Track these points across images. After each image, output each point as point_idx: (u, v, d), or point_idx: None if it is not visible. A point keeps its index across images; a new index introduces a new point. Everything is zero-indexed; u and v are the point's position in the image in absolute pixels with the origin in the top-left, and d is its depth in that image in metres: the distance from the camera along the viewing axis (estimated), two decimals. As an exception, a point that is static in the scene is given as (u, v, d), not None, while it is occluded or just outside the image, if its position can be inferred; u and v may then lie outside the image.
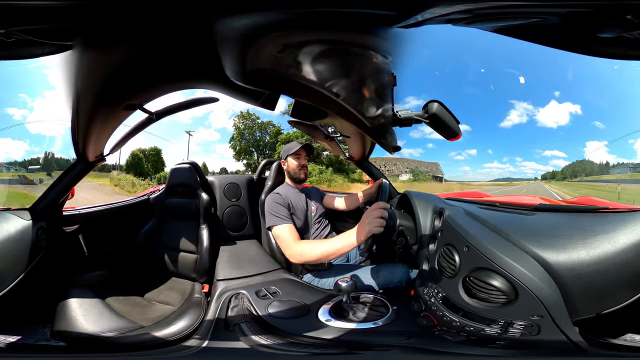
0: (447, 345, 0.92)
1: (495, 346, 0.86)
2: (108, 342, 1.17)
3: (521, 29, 0.57)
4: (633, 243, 0.76)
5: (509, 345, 0.85)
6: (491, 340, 0.86)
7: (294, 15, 0.51)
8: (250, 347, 0.97)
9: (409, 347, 0.95)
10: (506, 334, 0.84)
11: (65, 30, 0.56)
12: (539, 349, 0.83)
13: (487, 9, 0.52)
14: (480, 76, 30.49)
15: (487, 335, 0.86)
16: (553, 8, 0.52)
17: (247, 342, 0.98)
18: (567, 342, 0.79)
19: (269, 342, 0.97)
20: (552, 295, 0.78)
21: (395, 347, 0.96)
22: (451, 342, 0.91)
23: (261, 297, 1.25)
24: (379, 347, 0.97)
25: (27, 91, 14.16)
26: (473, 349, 0.89)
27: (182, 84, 0.84)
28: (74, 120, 0.97)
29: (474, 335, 0.88)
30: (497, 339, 0.85)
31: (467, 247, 0.94)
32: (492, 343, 0.86)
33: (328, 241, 1.24)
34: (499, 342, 0.85)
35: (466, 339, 0.90)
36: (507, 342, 0.84)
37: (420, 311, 1.05)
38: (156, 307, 1.59)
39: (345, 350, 0.98)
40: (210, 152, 26.80)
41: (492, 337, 0.86)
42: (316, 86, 0.60)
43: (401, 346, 0.95)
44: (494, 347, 0.86)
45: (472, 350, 0.89)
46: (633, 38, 0.54)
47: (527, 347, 0.84)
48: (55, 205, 1.58)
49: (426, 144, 26.14)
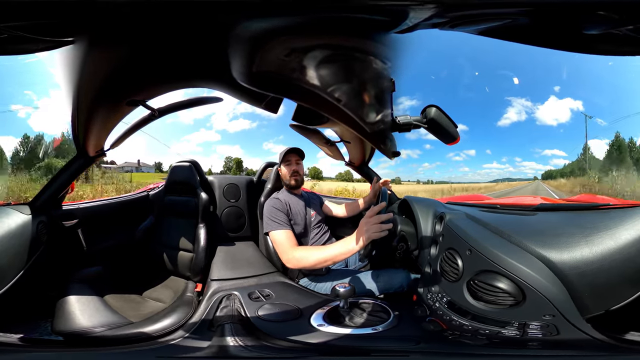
0: (467, 347, 0.91)
1: (520, 347, 0.85)
2: (97, 338, 1.17)
3: (504, 30, 0.57)
4: (635, 238, 0.76)
5: (535, 346, 0.84)
6: (514, 342, 0.85)
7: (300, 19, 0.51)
8: (221, 346, 0.95)
9: (424, 351, 0.94)
10: (527, 335, 0.83)
11: (66, 26, 0.56)
12: (566, 347, 0.82)
13: (455, 12, 0.52)
14: (476, 78, 30.74)
15: (507, 337, 0.85)
16: (507, 8, 0.52)
17: (222, 342, 0.97)
18: (592, 339, 0.78)
19: (244, 344, 0.96)
20: (559, 294, 0.78)
21: (408, 352, 0.94)
22: (470, 344, 0.90)
23: (253, 299, 1.24)
24: (382, 352, 0.96)
25: (32, 88, 14.28)
26: (496, 350, 0.88)
27: (187, 82, 0.85)
28: (75, 114, 0.98)
29: (493, 337, 0.87)
30: (520, 340, 0.84)
31: (469, 251, 0.93)
32: (516, 344, 0.85)
33: (326, 248, 1.23)
34: (523, 343, 0.84)
35: (487, 341, 0.88)
36: (533, 343, 0.83)
37: (425, 316, 1.04)
38: (149, 304, 1.59)
39: (335, 355, 0.96)
40: (210, 152, 27.12)
41: (514, 338, 0.84)
42: (318, 90, 0.60)
43: (415, 351, 0.94)
44: (519, 348, 0.85)
45: (495, 352, 0.88)
46: (622, 34, 0.54)
47: (553, 347, 0.83)
48: (55, 200, 1.58)
49: (424, 145, 26.21)
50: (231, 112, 75.23)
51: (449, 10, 0.51)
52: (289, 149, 1.70)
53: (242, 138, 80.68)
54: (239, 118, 79.65)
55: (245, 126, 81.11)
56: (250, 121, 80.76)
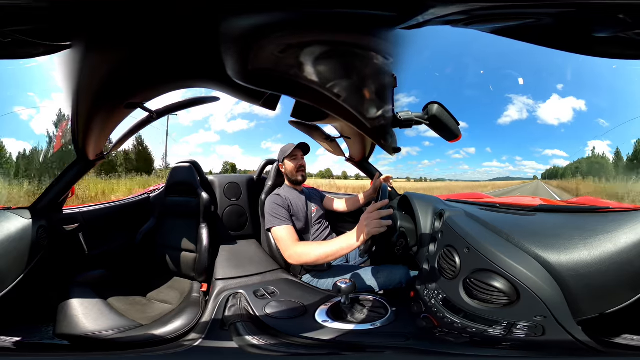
0: (448, 346, 0.91)
1: (499, 347, 0.85)
2: (106, 341, 1.17)
3: (518, 30, 0.57)
4: (634, 242, 0.76)
5: (514, 346, 0.84)
6: (495, 341, 0.85)
7: (296, 15, 0.51)
8: (241, 346, 0.96)
9: (404, 348, 0.94)
10: (510, 335, 0.83)
11: (64, 30, 0.56)
12: (546, 349, 0.83)
13: (481, 10, 0.51)
14: (481, 75, 30.64)
15: (490, 336, 0.86)
16: (542, 9, 0.52)
17: (241, 342, 0.98)
18: (575, 342, 0.78)
19: (262, 343, 0.97)
20: (554, 296, 0.78)
21: (390, 348, 0.95)
22: (453, 343, 0.91)
23: (259, 297, 1.25)
24: (374, 348, 0.97)
25: (35, 91, 14.16)
26: (476, 350, 0.88)
27: (184, 83, 0.84)
28: (74, 118, 0.97)
29: (476, 336, 0.88)
30: (501, 340, 0.85)
31: (467, 249, 0.93)
32: (496, 344, 0.85)
33: (327, 243, 1.24)
34: (503, 343, 0.85)
35: (469, 340, 0.89)
36: (512, 343, 0.84)
37: (420, 312, 1.05)
38: (155, 305, 1.59)
39: (339, 351, 0.97)
40: (210, 153, 27.30)
41: (496, 338, 0.85)
42: (317, 87, 0.60)
43: (396, 347, 0.95)
44: (498, 348, 0.86)
45: (474, 352, 0.88)
46: (629, 38, 0.54)
47: (533, 348, 0.83)
48: (56, 204, 1.58)
49: (423, 142, 26.16)
50: (229, 113, 75.03)
51: (477, 8, 0.50)
52: (297, 145, 1.70)
53: (241, 138, 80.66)
54: (237, 118, 79.51)
55: (243, 126, 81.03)
56: (248, 121, 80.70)
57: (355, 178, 27.75)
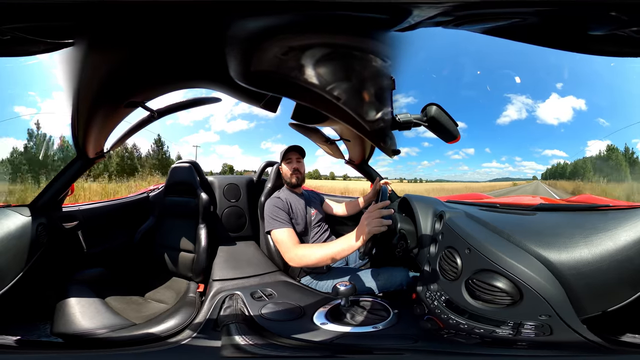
0: (460, 346, 0.90)
1: (511, 347, 0.85)
2: (99, 339, 1.17)
3: (509, 29, 0.57)
4: (634, 240, 0.76)
5: (526, 346, 0.84)
6: (506, 341, 0.85)
7: (295, 18, 0.51)
8: (228, 345, 0.95)
9: (420, 350, 0.94)
10: (520, 335, 0.83)
11: (65, 28, 0.56)
12: (557, 348, 0.82)
13: (460, 10, 0.52)
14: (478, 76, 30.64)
15: (500, 336, 0.85)
16: (520, 7, 0.52)
17: (230, 342, 0.97)
18: (584, 340, 0.78)
19: (252, 343, 0.96)
20: (556, 295, 0.78)
21: (405, 350, 0.94)
22: (463, 344, 0.90)
23: (256, 299, 1.24)
24: (382, 350, 0.96)
25: (37, 90, 14.24)
26: (488, 349, 0.88)
27: (185, 83, 0.85)
28: (74, 116, 0.98)
29: (486, 337, 0.87)
30: (511, 340, 0.84)
31: (468, 250, 0.93)
32: (507, 344, 0.85)
33: (328, 245, 1.23)
34: (514, 343, 0.84)
35: (480, 340, 0.88)
36: (523, 343, 0.83)
37: (423, 314, 1.04)
38: (151, 305, 1.59)
39: (338, 354, 0.96)
40: (209, 153, 27.64)
41: (506, 338, 0.85)
42: (317, 89, 0.60)
43: (412, 349, 0.94)
44: (511, 348, 0.85)
45: (487, 351, 0.88)
46: (626, 35, 0.54)
47: (544, 347, 0.83)
48: (55, 202, 1.58)
49: (422, 143, 26.03)
50: (229, 113, 75.33)
51: (458, 9, 0.50)
52: (290, 147, 1.69)
53: (241, 138, 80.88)
54: (237, 119, 79.79)
55: (243, 126, 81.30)
56: (248, 121, 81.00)
57: (343, 179, 27.69)
